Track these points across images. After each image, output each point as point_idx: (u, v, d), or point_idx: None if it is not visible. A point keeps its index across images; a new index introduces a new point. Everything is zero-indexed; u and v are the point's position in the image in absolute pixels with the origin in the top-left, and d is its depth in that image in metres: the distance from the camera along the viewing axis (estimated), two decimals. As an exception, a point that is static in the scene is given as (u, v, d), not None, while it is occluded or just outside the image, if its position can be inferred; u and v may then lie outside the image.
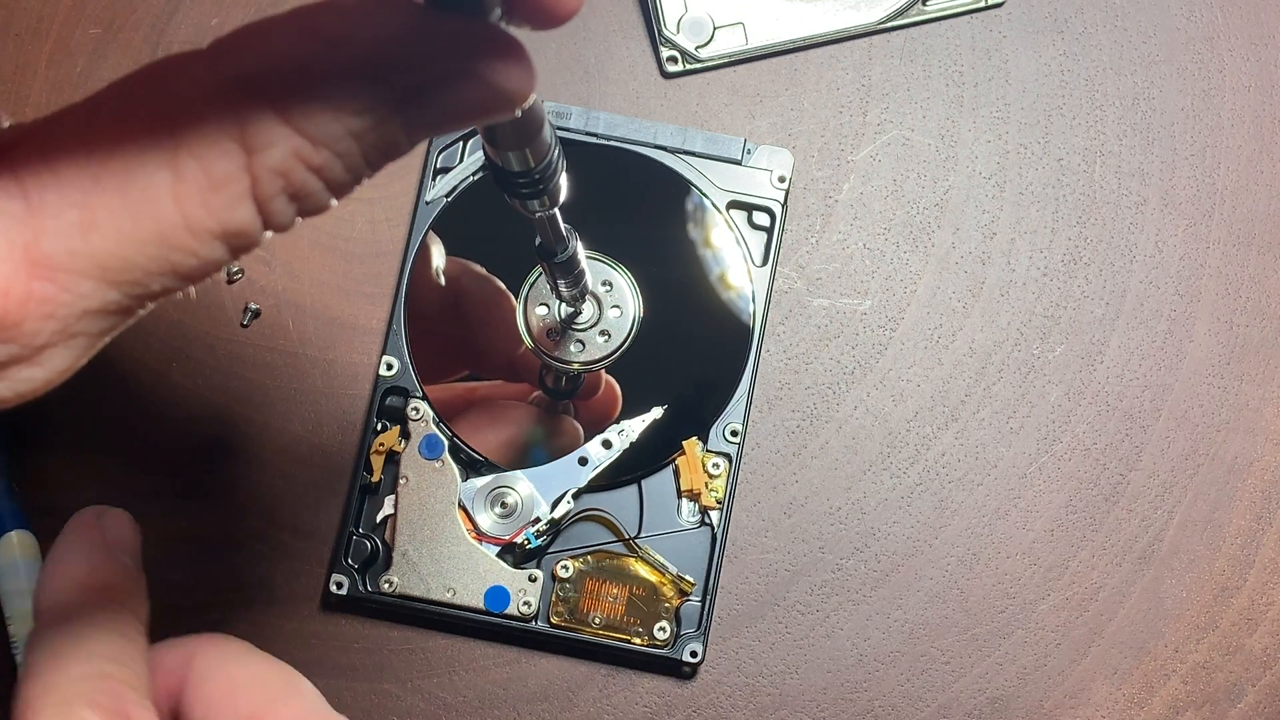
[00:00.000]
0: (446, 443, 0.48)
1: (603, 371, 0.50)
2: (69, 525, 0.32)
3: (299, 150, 0.24)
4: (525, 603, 0.47)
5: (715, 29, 0.53)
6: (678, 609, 0.48)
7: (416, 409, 0.49)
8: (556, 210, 0.37)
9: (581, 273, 0.44)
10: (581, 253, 0.43)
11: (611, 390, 0.50)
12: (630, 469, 0.49)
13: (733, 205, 0.51)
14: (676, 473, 0.49)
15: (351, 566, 0.48)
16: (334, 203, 0.26)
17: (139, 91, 0.24)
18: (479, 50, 0.26)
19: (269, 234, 0.25)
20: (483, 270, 0.50)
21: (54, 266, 0.23)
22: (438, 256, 0.51)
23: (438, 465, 0.48)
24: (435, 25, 0.25)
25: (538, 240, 0.41)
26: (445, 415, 0.49)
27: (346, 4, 0.25)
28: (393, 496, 0.48)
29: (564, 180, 0.35)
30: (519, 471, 0.48)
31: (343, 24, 0.25)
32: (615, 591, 0.48)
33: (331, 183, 0.25)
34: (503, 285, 0.50)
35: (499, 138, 0.32)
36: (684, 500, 0.49)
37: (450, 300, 0.51)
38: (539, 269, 0.49)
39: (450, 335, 0.51)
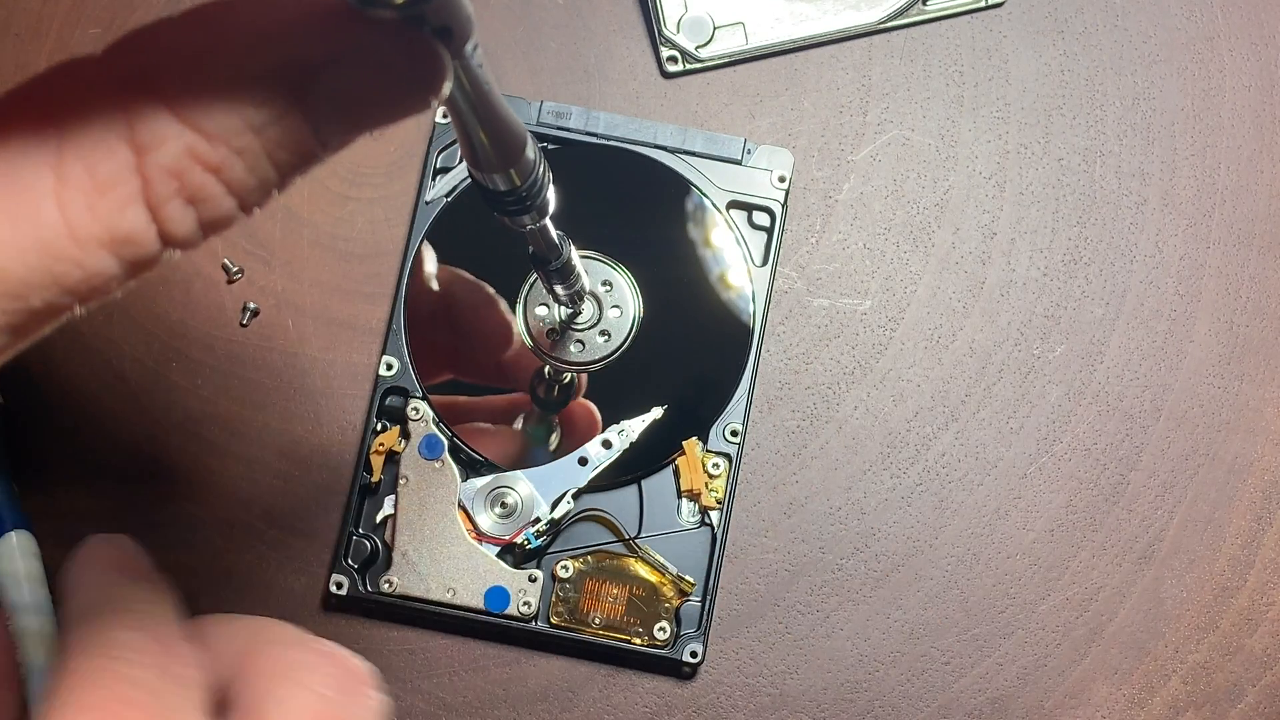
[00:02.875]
0: (446, 443, 0.48)
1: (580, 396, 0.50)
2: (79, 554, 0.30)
3: (193, 147, 0.23)
4: (525, 603, 0.47)
5: (715, 29, 0.53)
6: (678, 609, 0.48)
7: (416, 409, 0.49)
8: (547, 220, 0.37)
9: (577, 277, 0.44)
10: (575, 257, 0.43)
11: (584, 408, 0.50)
12: (630, 469, 0.49)
13: (733, 205, 0.51)
14: (676, 473, 0.49)
15: (351, 567, 0.48)
16: (239, 212, 0.24)
17: (27, 94, 0.23)
18: (372, 33, 0.24)
19: (174, 252, 0.24)
20: (472, 277, 0.50)
21: None
22: (430, 262, 0.50)
23: (437, 465, 0.48)
24: (328, 8, 0.24)
25: (530, 249, 0.40)
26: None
27: None
28: (393, 497, 0.48)
29: (552, 194, 0.35)
30: (519, 471, 0.48)
31: (234, 12, 0.23)
32: (615, 592, 0.48)
33: (233, 185, 0.23)
34: (493, 292, 0.50)
35: (481, 160, 0.31)
36: (684, 500, 0.49)
37: (442, 307, 0.51)
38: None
39: (442, 341, 0.50)
